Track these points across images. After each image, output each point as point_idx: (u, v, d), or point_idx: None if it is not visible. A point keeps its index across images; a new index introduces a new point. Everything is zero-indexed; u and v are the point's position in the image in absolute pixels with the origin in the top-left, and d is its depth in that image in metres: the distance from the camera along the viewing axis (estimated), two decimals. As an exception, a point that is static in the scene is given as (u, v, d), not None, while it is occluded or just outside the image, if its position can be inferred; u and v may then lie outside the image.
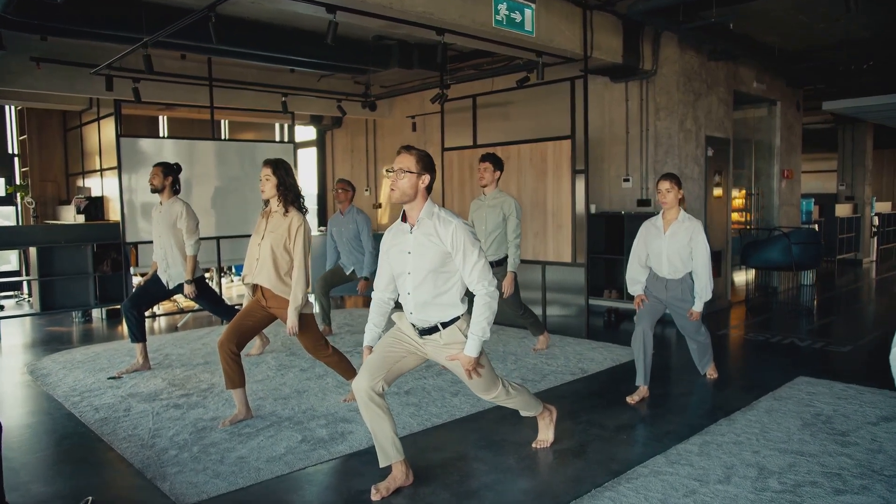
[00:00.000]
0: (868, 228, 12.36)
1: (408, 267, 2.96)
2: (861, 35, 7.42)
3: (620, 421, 4.05)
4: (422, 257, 2.92)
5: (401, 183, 2.91)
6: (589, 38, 6.17)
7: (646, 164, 7.25)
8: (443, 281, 2.93)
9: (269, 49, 6.81)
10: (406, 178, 2.91)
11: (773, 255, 7.32)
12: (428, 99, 9.75)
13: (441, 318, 2.97)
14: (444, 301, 2.95)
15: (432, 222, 2.93)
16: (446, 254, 2.90)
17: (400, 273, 3.01)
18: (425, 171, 2.95)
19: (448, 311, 2.97)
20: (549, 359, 5.51)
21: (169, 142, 7.64)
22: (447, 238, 2.88)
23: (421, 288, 2.94)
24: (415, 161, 2.93)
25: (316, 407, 4.31)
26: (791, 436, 3.69)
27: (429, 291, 2.94)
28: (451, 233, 2.89)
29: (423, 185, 2.95)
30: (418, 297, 2.95)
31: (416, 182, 2.92)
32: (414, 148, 3.00)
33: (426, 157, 2.98)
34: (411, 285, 2.96)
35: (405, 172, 2.91)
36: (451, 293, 2.96)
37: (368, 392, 2.96)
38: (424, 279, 2.92)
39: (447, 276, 2.94)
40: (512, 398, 3.34)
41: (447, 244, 2.88)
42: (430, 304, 2.95)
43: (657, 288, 4.48)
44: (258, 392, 4.65)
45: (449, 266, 2.93)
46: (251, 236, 4.09)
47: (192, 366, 5.44)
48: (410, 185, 2.91)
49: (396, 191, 2.93)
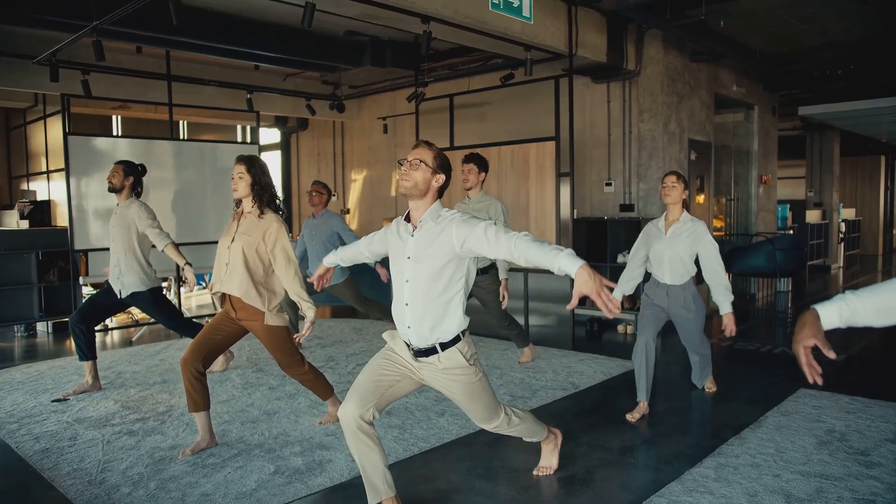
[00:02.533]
0: (836, 235, 12.43)
1: (406, 273, 2.60)
2: (842, 39, 7.35)
3: (624, 442, 3.74)
4: (423, 263, 2.56)
5: (415, 174, 2.57)
6: (574, 34, 5.90)
7: (629, 167, 7.01)
8: (445, 290, 2.57)
9: (233, 42, 6.35)
10: (421, 170, 2.58)
11: (758, 261, 7.15)
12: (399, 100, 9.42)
13: (440, 337, 2.61)
14: (445, 315, 2.59)
15: (436, 225, 2.58)
16: (451, 255, 2.54)
17: (397, 280, 2.65)
18: (441, 170, 2.62)
19: (448, 329, 2.61)
20: (536, 373, 5.18)
21: (123, 141, 7.09)
22: (452, 230, 2.53)
23: (420, 298, 2.58)
24: (432, 156, 2.61)
25: (289, 431, 3.89)
26: (809, 456, 3.42)
27: (429, 303, 2.57)
28: (452, 221, 2.55)
29: (436, 185, 2.61)
30: (417, 309, 2.58)
31: (430, 179, 2.59)
32: (433, 144, 2.68)
33: (444, 157, 2.66)
34: (409, 295, 2.59)
35: (421, 163, 2.58)
36: (453, 305, 2.60)
37: (357, 421, 2.57)
38: (426, 289, 2.56)
39: (450, 284, 2.58)
40: (515, 426, 2.98)
41: (453, 237, 2.52)
42: (429, 319, 2.58)
43: (658, 295, 4.20)
44: (223, 415, 4.19)
45: (453, 272, 2.57)
46: (220, 240, 3.65)
47: (148, 385, 4.94)
48: (424, 180, 2.58)
49: (409, 181, 2.57)
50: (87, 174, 6.58)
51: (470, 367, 2.67)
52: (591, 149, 7.19)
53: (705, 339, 4.38)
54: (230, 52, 6.75)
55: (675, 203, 4.14)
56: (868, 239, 14.95)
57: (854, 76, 8.55)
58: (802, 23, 6.64)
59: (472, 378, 2.69)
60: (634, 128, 6.91)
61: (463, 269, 2.60)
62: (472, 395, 2.73)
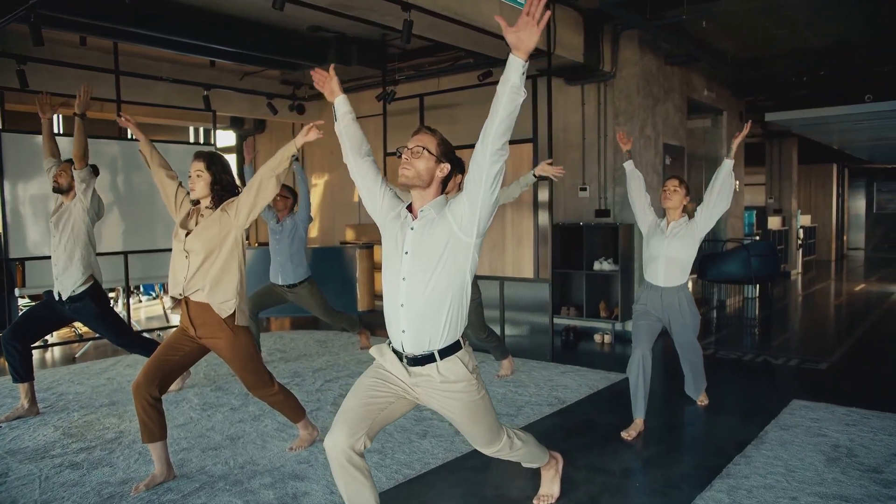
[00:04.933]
0: (795, 241, 12.58)
1: (403, 270, 2.28)
2: (813, 45, 7.34)
3: (624, 463, 3.48)
4: (422, 255, 2.26)
5: (417, 162, 2.27)
6: (552, 32, 5.67)
7: (604, 172, 6.82)
8: (447, 285, 2.26)
9: (187, 34, 5.88)
10: (424, 158, 2.27)
11: (733, 268, 7.05)
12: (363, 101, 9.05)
13: (439, 342, 2.29)
14: (445, 315, 2.27)
15: (437, 216, 2.30)
16: (449, 236, 2.24)
17: (391, 280, 2.32)
18: (445, 158, 2.32)
19: (449, 331, 2.29)
20: (517, 387, 4.90)
21: (65, 140, 6.47)
22: (446, 212, 2.27)
23: (418, 296, 2.26)
24: (435, 143, 2.30)
25: (256, 459, 3.49)
26: (822, 475, 3.22)
27: (428, 300, 2.26)
28: (453, 200, 2.29)
29: (440, 175, 2.32)
30: (414, 310, 2.26)
31: (434, 168, 2.30)
32: (435, 129, 2.36)
33: (448, 144, 2.36)
34: (405, 294, 2.27)
35: (424, 150, 2.27)
36: (454, 304, 2.29)
37: (347, 452, 2.22)
38: (424, 284, 2.25)
39: (452, 279, 2.27)
40: (517, 450, 2.68)
41: (448, 217, 2.25)
42: (427, 320, 2.27)
43: (652, 299, 3.97)
44: (180, 441, 3.76)
45: (453, 262, 2.26)
46: (173, 243, 3.22)
47: (93, 408, 4.45)
48: (427, 169, 2.28)
49: (410, 170, 2.28)
50: (25, 176, 6.01)
51: (473, 380, 2.36)
52: (564, 153, 6.97)
53: (699, 346, 4.17)
54: (183, 46, 6.27)
55: (675, 208, 3.96)
56: (822, 245, 15.26)
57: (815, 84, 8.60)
58: (777, 27, 6.57)
59: (475, 395, 2.38)
60: (610, 131, 6.73)
61: (467, 258, 2.28)
62: (474, 415, 2.42)
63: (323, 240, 9.78)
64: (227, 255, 3.13)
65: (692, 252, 3.96)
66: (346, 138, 2.53)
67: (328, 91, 2.60)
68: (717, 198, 3.89)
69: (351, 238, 9.22)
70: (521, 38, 1.97)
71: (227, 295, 3.13)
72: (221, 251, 3.12)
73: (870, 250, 17.99)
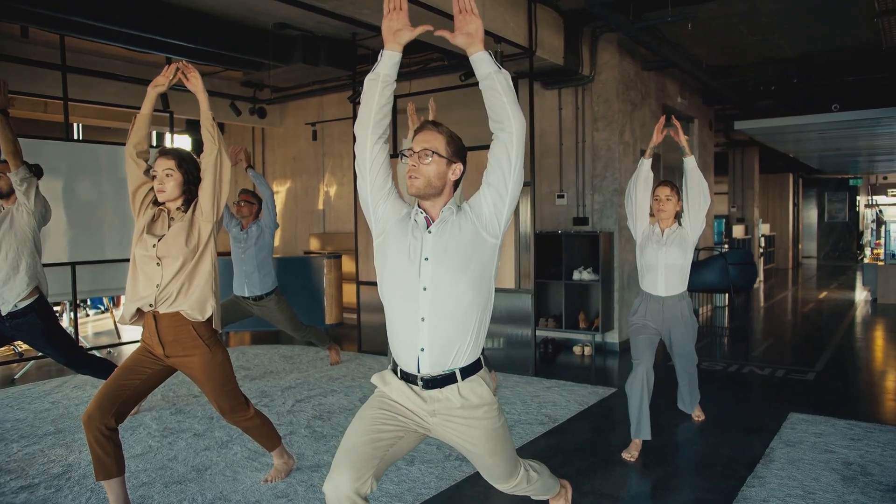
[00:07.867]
0: (757, 249, 12.70)
1: (424, 279, 1.96)
2: (784, 55, 7.33)
3: (632, 488, 3.23)
4: (447, 261, 1.97)
5: (426, 169, 1.98)
6: (534, 32, 5.45)
7: (582, 178, 6.63)
8: (476, 293, 1.99)
9: (141, 27, 5.45)
10: (434, 162, 1.97)
11: (711, 276, 6.93)
12: (328, 105, 8.75)
13: (463, 359, 2.00)
14: (474, 328, 2.00)
15: (456, 217, 2.02)
16: (478, 239, 1.99)
17: (405, 293, 1.99)
18: (457, 157, 2.03)
19: (473, 346, 2.01)
20: (504, 404, 4.61)
21: None
22: (472, 203, 2.03)
23: (444, 308, 1.96)
24: (445, 142, 2.00)
25: (227, 494, 3.11)
26: (841, 497, 3.03)
27: (456, 312, 1.97)
28: (471, 198, 2.05)
29: (452, 178, 2.03)
30: (439, 324, 1.96)
31: (446, 171, 2.01)
32: (441, 124, 2.05)
33: (459, 141, 2.05)
34: (428, 307, 1.96)
35: (432, 154, 1.97)
36: (485, 314, 2.03)
37: (352, 498, 1.89)
38: (452, 293, 1.96)
39: (481, 284, 2.01)
40: (534, 483, 2.41)
41: (474, 208, 2.02)
42: (454, 336, 1.98)
43: (653, 311, 3.76)
44: (139, 474, 3.35)
45: (481, 259, 2.00)
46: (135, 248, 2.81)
47: (36, 437, 3.98)
48: (438, 174, 1.99)
49: (419, 178, 1.98)
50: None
51: (494, 404, 2.10)
52: (541, 159, 6.76)
53: (696, 357, 3.99)
54: (137, 40, 5.80)
55: (668, 218, 3.76)
56: (780, 253, 15.49)
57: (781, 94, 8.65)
58: (754, 33, 6.51)
59: (496, 422, 2.12)
60: (588, 136, 6.55)
61: (492, 262, 2.03)
62: (495, 445, 2.14)
63: (286, 250, 9.35)
64: (201, 255, 2.79)
65: (690, 257, 3.78)
66: (378, 99, 1.94)
67: (401, 24, 1.91)
68: (694, 197, 3.70)
69: (316, 247, 8.82)
70: (469, 32, 1.90)
71: (205, 295, 2.78)
72: (197, 253, 2.77)
73: (822, 258, 18.41)
